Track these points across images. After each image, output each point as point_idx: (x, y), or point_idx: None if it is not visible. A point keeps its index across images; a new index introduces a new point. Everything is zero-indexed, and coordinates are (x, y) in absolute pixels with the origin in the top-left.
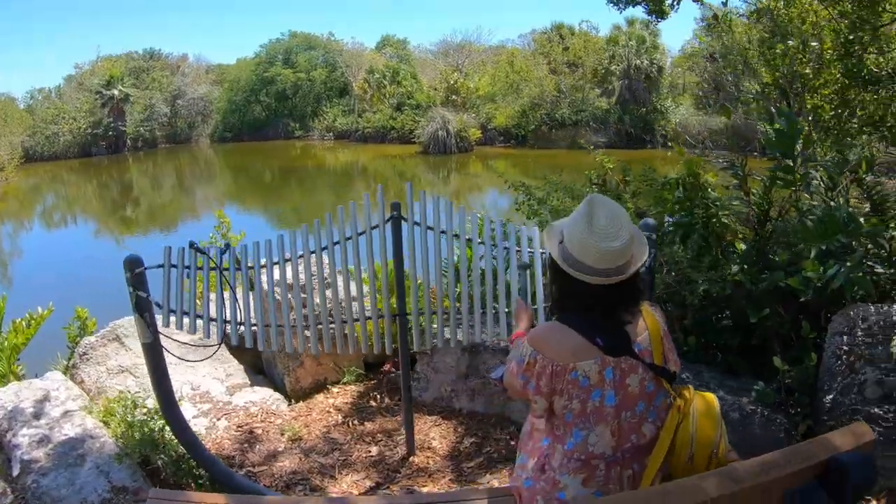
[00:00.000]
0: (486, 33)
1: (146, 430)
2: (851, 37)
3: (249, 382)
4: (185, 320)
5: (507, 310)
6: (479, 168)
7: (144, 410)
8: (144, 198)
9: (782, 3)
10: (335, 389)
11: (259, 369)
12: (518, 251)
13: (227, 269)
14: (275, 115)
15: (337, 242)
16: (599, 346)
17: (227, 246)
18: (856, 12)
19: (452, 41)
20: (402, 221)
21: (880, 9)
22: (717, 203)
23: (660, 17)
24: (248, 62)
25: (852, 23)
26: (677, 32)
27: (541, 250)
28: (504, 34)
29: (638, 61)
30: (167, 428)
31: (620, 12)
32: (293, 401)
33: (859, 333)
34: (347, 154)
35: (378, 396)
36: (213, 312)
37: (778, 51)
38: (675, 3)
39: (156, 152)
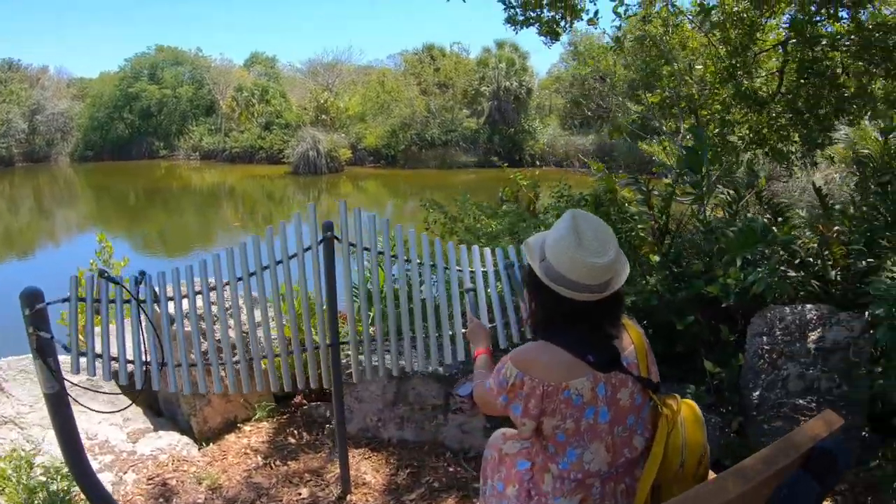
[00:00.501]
0: (356, 53)
1: (48, 493)
2: (734, 61)
3: (152, 427)
4: (98, 364)
5: (450, 332)
6: (349, 188)
7: (41, 470)
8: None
9: (668, 29)
10: (247, 428)
11: (157, 410)
12: (459, 271)
13: (144, 302)
14: (139, 134)
15: (266, 267)
16: (590, 362)
17: (143, 274)
18: (738, 38)
19: (322, 60)
20: (336, 242)
21: (756, 37)
22: (635, 218)
23: (553, 38)
24: (111, 76)
25: (734, 48)
26: (544, 56)
27: (482, 269)
28: (373, 54)
29: (507, 83)
30: (74, 489)
31: (517, 33)
32: (203, 444)
33: (778, 333)
34: (214, 174)
35: (296, 432)
36: (115, 351)
37: (665, 73)
38: (567, 25)
39: (12, 171)
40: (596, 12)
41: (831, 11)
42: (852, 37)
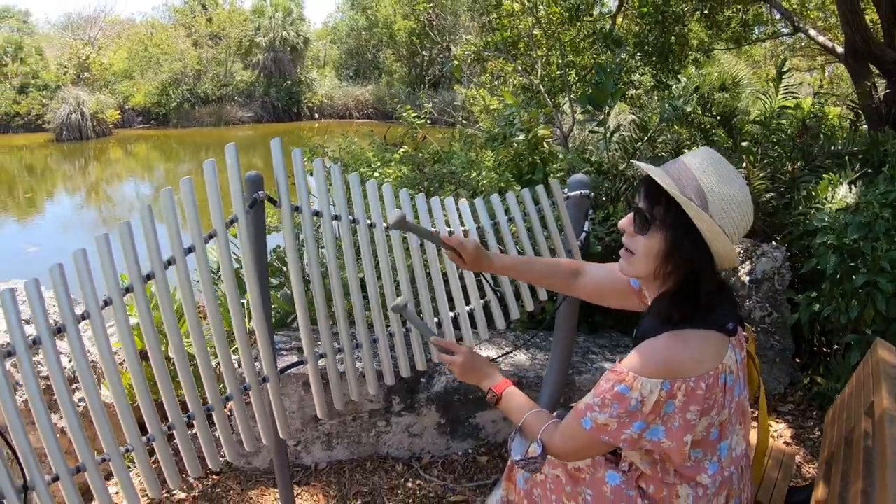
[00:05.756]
0: (121, 3)
1: None
2: (578, 2)
3: None
4: None
5: (451, 314)
6: (119, 154)
7: None
8: None
9: None
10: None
11: None
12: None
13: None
14: None
15: (171, 262)
16: (730, 330)
17: None
18: None
19: (82, 13)
20: (273, 206)
21: None
22: (558, 156)
23: None
24: None
25: None
26: (320, 5)
27: (462, 228)
28: (137, 6)
29: (284, 33)
30: None
31: None
32: None
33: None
34: None
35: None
36: None
37: (504, 12)
38: None
39: None
40: None
41: None
42: None
